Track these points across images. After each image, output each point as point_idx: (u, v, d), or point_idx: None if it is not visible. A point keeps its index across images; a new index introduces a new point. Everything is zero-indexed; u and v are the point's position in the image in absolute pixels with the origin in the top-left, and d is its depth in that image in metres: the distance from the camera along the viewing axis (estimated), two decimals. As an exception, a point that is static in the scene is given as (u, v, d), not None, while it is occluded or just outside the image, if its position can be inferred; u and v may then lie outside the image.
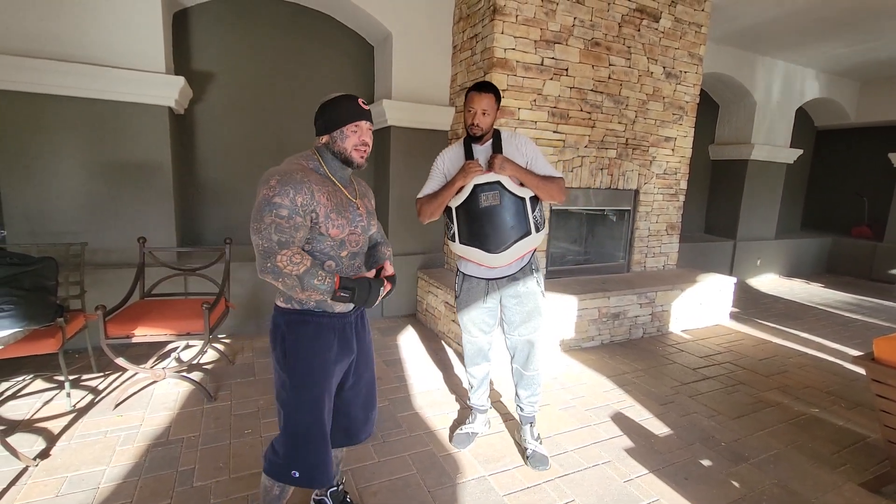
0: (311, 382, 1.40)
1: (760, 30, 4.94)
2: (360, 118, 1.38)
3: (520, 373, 2.22)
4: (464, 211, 1.99)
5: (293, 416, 1.41)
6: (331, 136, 1.40)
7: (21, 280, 1.71)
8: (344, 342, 1.48)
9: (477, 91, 1.97)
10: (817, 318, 4.78)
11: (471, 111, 1.97)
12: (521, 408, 2.25)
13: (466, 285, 2.17)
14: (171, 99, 3.21)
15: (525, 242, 2.00)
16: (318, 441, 1.42)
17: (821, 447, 2.38)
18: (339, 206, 1.39)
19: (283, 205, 1.26)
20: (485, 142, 2.05)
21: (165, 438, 2.21)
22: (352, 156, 1.40)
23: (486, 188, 1.93)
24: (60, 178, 3.03)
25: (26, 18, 2.83)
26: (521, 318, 2.14)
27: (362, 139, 1.40)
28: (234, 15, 3.73)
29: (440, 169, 2.11)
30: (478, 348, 2.25)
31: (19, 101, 2.88)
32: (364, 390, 1.63)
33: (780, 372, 3.32)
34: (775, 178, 6.45)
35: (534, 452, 2.15)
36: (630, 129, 4.04)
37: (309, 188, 1.30)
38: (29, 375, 2.73)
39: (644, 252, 4.42)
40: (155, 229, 3.27)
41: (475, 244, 1.99)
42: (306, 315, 1.42)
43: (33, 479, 1.88)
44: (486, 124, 1.98)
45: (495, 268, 2.06)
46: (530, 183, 1.97)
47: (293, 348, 1.41)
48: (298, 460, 1.42)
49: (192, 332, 2.50)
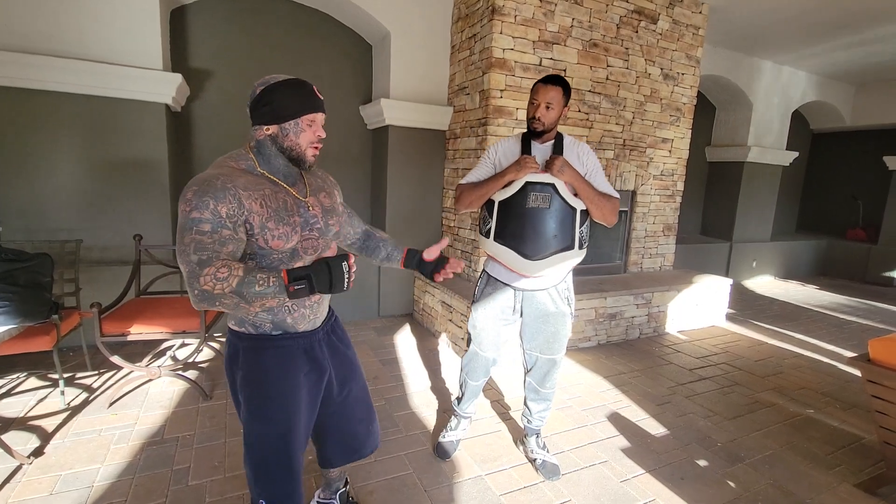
0: (275, 414, 1.26)
1: (757, 32, 4.97)
2: (317, 109, 1.21)
3: (535, 388, 2.09)
4: (507, 207, 1.83)
5: (253, 447, 1.29)
6: (280, 128, 1.18)
7: (16, 276, 1.70)
8: (313, 363, 1.33)
9: (543, 83, 1.81)
10: (812, 319, 4.81)
11: (534, 104, 1.82)
12: (530, 420, 2.15)
13: (489, 289, 2.00)
14: (168, 96, 3.20)
15: (565, 255, 1.85)
16: (280, 473, 1.30)
17: (816, 448, 2.39)
18: (278, 212, 1.18)
19: (204, 219, 1.06)
20: (545, 140, 1.90)
21: (160, 437, 2.19)
22: (305, 153, 1.22)
23: (538, 188, 1.79)
24: (56, 174, 3.01)
25: (22, 14, 2.80)
26: (545, 338, 1.99)
27: (318, 134, 1.22)
28: (232, 12, 3.71)
29: (491, 158, 1.95)
30: (483, 363, 2.09)
31: (15, 97, 2.86)
32: (357, 403, 1.52)
33: (775, 373, 3.33)
34: (771, 181, 6.48)
35: (544, 462, 2.08)
36: (627, 131, 4.05)
37: (234, 195, 1.10)
38: (23, 373, 2.71)
39: (641, 253, 4.43)
40: (151, 227, 3.25)
41: (511, 245, 1.84)
42: (263, 341, 1.25)
43: (27, 477, 1.86)
44: (550, 119, 1.82)
45: (526, 276, 1.90)
46: (586, 195, 1.81)
47: (252, 378, 1.25)
48: (264, 490, 1.31)
49: (187, 331, 2.49)
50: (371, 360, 3.22)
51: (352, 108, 4.25)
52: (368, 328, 3.86)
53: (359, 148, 4.36)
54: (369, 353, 3.32)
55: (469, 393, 2.19)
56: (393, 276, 4.10)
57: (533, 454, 2.14)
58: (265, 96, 1.17)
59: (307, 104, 1.19)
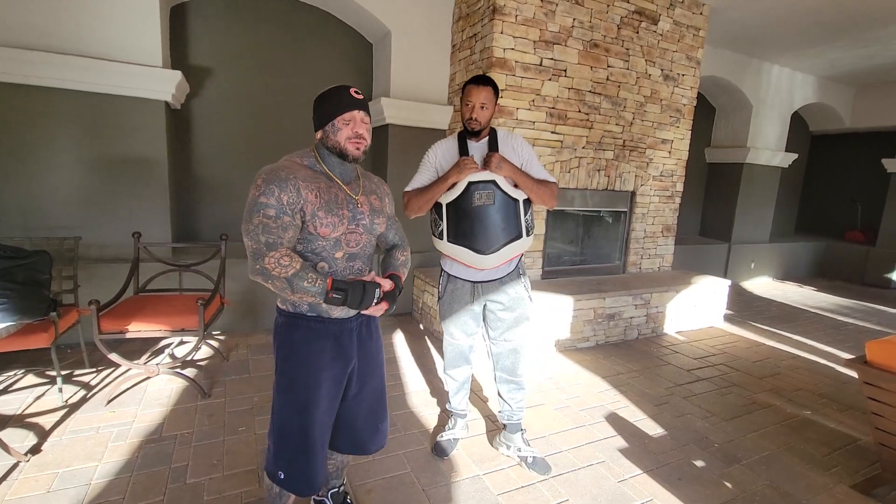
0: (297, 388, 1.37)
1: (757, 34, 4.97)
2: (350, 108, 1.32)
3: (507, 379, 2.14)
4: (455, 208, 1.91)
5: (278, 417, 1.40)
6: (324, 131, 1.35)
7: (14, 273, 1.69)
8: (339, 349, 1.42)
9: (475, 84, 1.89)
10: (810, 321, 4.82)
11: (468, 104, 1.90)
12: (511, 415, 2.15)
13: (451, 287, 2.09)
14: (167, 93, 3.19)
15: (515, 245, 1.94)
16: (300, 447, 1.38)
17: (813, 449, 2.40)
18: (329, 204, 1.32)
19: (270, 204, 1.23)
20: (481, 138, 1.97)
21: (158, 435, 2.19)
22: (346, 148, 1.34)
23: (481, 186, 1.86)
24: (55, 171, 3.01)
25: (22, 10, 2.80)
26: (508, 324, 2.07)
27: (356, 131, 1.33)
28: (233, 10, 3.71)
29: (431, 162, 2.02)
30: (459, 351, 2.19)
31: (14, 94, 2.85)
32: (368, 401, 1.55)
33: (772, 374, 3.34)
34: (770, 182, 6.49)
35: (534, 459, 2.10)
36: (627, 131, 4.05)
37: (295, 185, 1.26)
38: (21, 370, 2.70)
39: (640, 253, 4.44)
40: (150, 224, 3.25)
41: (464, 243, 1.91)
42: (298, 318, 1.38)
43: (24, 474, 1.86)
44: (485, 118, 1.90)
45: (483, 270, 1.98)
46: (525, 185, 1.91)
47: (283, 351, 1.39)
48: (283, 462, 1.39)
49: (186, 329, 2.48)
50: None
51: (352, 106, 4.24)
52: (367, 327, 3.85)
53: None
54: (368, 352, 3.32)
55: (455, 385, 2.24)
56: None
57: (521, 452, 2.13)
58: (315, 107, 1.37)
59: (339, 106, 1.33)
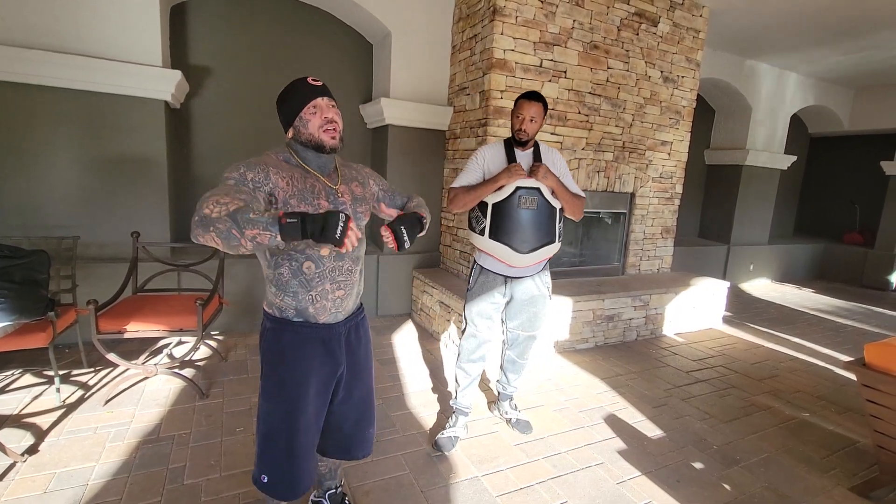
0: (284, 394, 1.34)
1: (757, 36, 4.98)
2: (312, 96, 1.28)
3: (513, 360, 2.39)
4: (499, 209, 2.08)
5: (263, 423, 1.37)
6: (294, 128, 1.31)
7: (11, 273, 1.68)
8: (327, 355, 1.39)
9: (527, 99, 2.06)
10: (809, 323, 4.82)
11: (519, 117, 2.07)
12: (505, 388, 2.46)
13: (483, 279, 2.24)
14: (167, 93, 3.18)
15: (548, 249, 2.14)
16: (285, 453, 1.35)
17: (811, 451, 2.40)
18: (302, 192, 1.27)
19: (231, 177, 1.19)
20: (526, 148, 2.15)
21: (156, 435, 2.19)
22: (321, 139, 1.29)
23: (526, 192, 2.06)
24: (54, 171, 3.00)
25: (21, 9, 2.79)
26: (528, 317, 2.27)
27: (325, 117, 1.29)
28: (232, 9, 3.70)
29: (479, 164, 2.17)
30: (478, 343, 2.28)
31: (13, 93, 2.84)
32: (355, 407, 1.53)
33: (771, 376, 3.34)
34: (769, 184, 6.50)
35: (518, 420, 2.42)
36: (627, 133, 4.05)
37: (264, 169, 1.23)
38: (18, 370, 2.70)
39: (639, 255, 4.44)
40: (149, 224, 3.24)
41: (505, 241, 2.08)
42: (284, 324, 1.34)
43: (21, 474, 1.85)
44: (533, 131, 2.08)
45: (516, 267, 2.15)
46: (563, 197, 2.11)
47: (270, 357, 1.36)
48: (266, 466, 1.37)
49: (185, 329, 2.48)
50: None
51: (352, 107, 4.24)
52: (366, 327, 3.84)
53: (359, 147, 4.35)
54: (366, 353, 3.31)
55: (466, 379, 2.32)
56: (391, 276, 4.09)
57: (508, 414, 2.46)
58: (278, 108, 1.33)
59: (300, 97, 1.28)
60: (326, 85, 1.35)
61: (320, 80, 1.33)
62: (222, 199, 1.06)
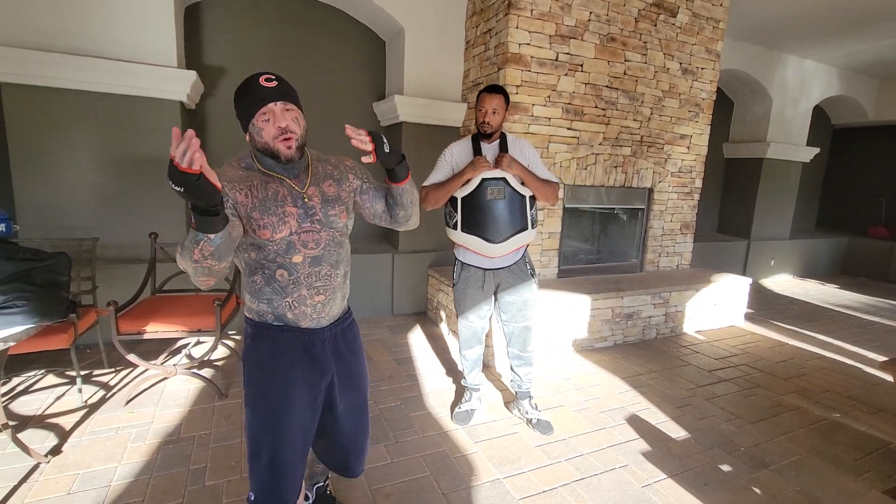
0: (266, 405, 1.26)
1: (778, 26, 4.84)
2: (264, 102, 1.12)
3: (518, 355, 2.41)
4: (469, 202, 2.15)
5: (248, 434, 1.30)
6: (249, 134, 1.18)
7: (33, 276, 1.69)
8: (311, 361, 1.30)
9: (488, 92, 2.14)
10: (834, 319, 4.69)
11: (482, 110, 2.14)
12: (521, 385, 2.45)
13: (465, 274, 2.31)
14: (182, 93, 3.19)
15: (521, 236, 2.19)
16: (269, 470, 1.27)
17: (843, 453, 2.32)
18: (265, 202, 1.17)
19: None
20: (492, 140, 2.21)
21: (177, 436, 2.19)
22: (277, 148, 1.16)
23: (493, 182, 2.12)
24: (73, 172, 3.02)
25: (39, 12, 2.81)
26: (518, 306, 2.32)
27: (278, 125, 1.14)
28: (246, 9, 3.70)
29: (448, 161, 2.23)
30: (473, 332, 2.39)
31: (32, 95, 2.87)
32: (351, 419, 1.45)
33: (798, 375, 3.25)
34: (791, 177, 6.34)
35: (539, 420, 2.39)
36: (645, 127, 3.97)
37: (223, 187, 1.11)
38: (41, 371, 2.73)
39: (657, 251, 4.35)
40: (167, 224, 3.25)
41: (476, 233, 2.15)
42: (263, 328, 1.27)
43: (45, 475, 1.87)
44: (496, 122, 2.14)
45: (493, 258, 2.21)
46: (531, 183, 2.15)
47: (249, 363, 1.29)
48: (253, 483, 1.30)
49: (203, 329, 2.48)
50: (386, 358, 3.19)
51: (366, 104, 4.22)
52: (382, 326, 3.84)
53: (372, 145, 4.32)
54: (384, 352, 3.30)
55: (469, 364, 2.47)
56: (406, 274, 4.07)
57: (528, 414, 2.43)
58: (234, 106, 1.19)
59: (251, 102, 1.14)
60: (285, 81, 1.18)
61: (275, 79, 1.15)
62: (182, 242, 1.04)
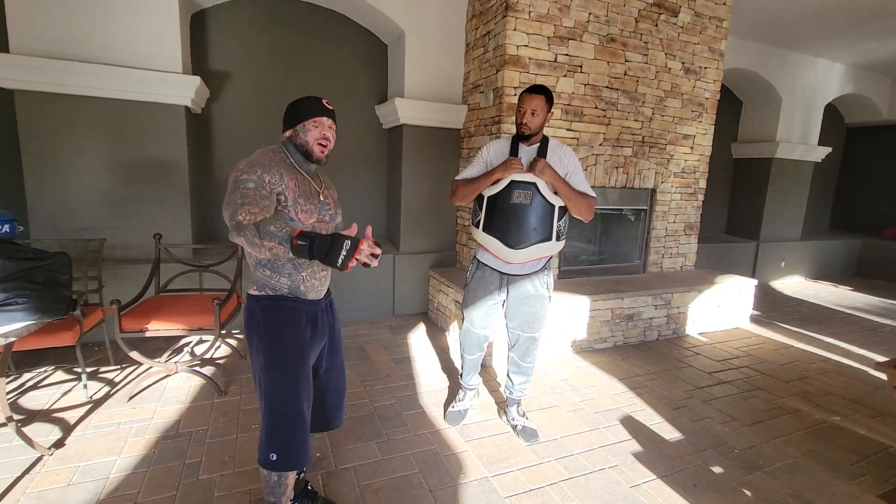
0: (287, 363, 1.45)
1: (786, 24, 4.77)
2: (321, 114, 1.47)
3: (517, 363, 2.34)
4: (494, 202, 2.09)
5: (271, 395, 1.45)
6: (294, 130, 1.49)
7: (35, 274, 1.76)
8: (315, 328, 1.54)
9: (528, 92, 2.05)
10: (844, 322, 4.61)
11: (521, 111, 2.05)
12: (512, 392, 2.40)
13: (479, 273, 2.25)
14: (187, 98, 3.27)
15: (543, 247, 2.09)
16: (293, 420, 1.46)
17: (840, 457, 2.29)
18: (306, 193, 1.46)
19: (251, 180, 1.32)
20: (532, 143, 2.12)
21: (175, 431, 2.25)
22: (313, 148, 1.48)
23: (522, 186, 2.03)
24: (82, 175, 3.12)
25: (49, 21, 2.91)
26: (526, 317, 2.23)
27: (323, 133, 1.48)
28: (250, 15, 3.78)
29: (484, 158, 2.18)
30: (475, 339, 2.35)
31: (43, 102, 2.97)
32: (336, 375, 1.70)
33: (800, 378, 3.20)
34: (802, 177, 6.23)
35: (524, 427, 2.34)
36: (647, 127, 3.95)
37: (278, 171, 1.38)
38: (50, 367, 2.82)
39: (661, 252, 4.33)
40: (171, 226, 3.34)
41: (497, 235, 2.08)
42: (280, 300, 1.47)
43: (47, 467, 1.94)
44: (536, 124, 2.05)
45: (510, 263, 2.14)
46: (564, 193, 2.04)
47: (269, 331, 1.45)
48: (275, 441, 1.45)
49: (203, 328, 2.55)
50: (384, 358, 3.23)
51: (368, 107, 4.28)
52: (383, 326, 3.88)
53: (375, 147, 4.39)
54: (382, 352, 3.34)
55: (468, 366, 2.44)
56: (408, 275, 4.11)
57: (514, 421, 2.39)
58: (288, 109, 1.51)
59: (311, 111, 1.48)
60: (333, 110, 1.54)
61: (332, 106, 1.53)
62: (253, 208, 1.25)
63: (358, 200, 4.37)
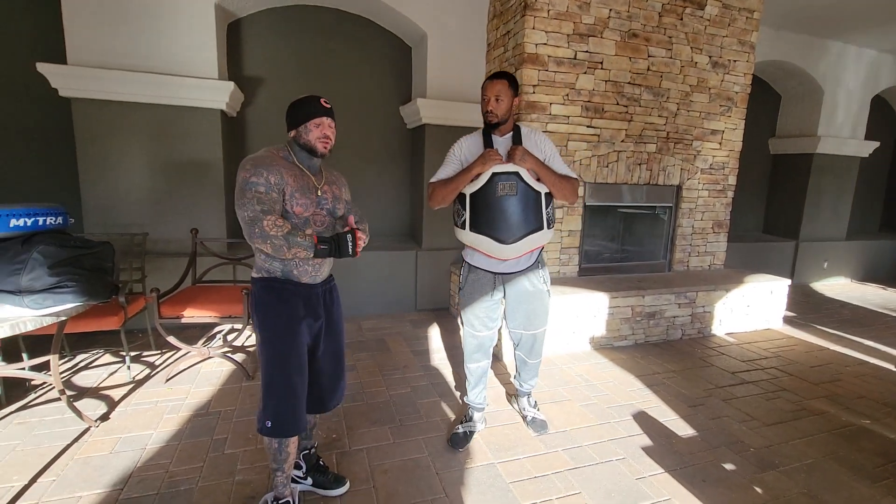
0: (278, 338, 1.58)
1: (822, 12, 4.57)
2: (321, 115, 1.59)
3: (523, 360, 2.35)
4: (478, 198, 1.98)
5: (265, 367, 1.59)
6: (297, 131, 1.61)
7: (82, 261, 1.97)
8: (309, 307, 1.65)
9: (490, 79, 2.00)
10: (888, 325, 4.37)
11: (485, 99, 1.99)
12: (522, 385, 2.42)
13: (472, 277, 2.16)
14: (222, 102, 3.49)
15: (536, 237, 2.02)
16: (284, 389, 1.57)
17: (864, 459, 2.21)
18: (303, 188, 1.58)
19: (260, 183, 1.47)
20: (504, 133, 2.05)
21: (206, 410, 2.43)
22: (316, 146, 1.60)
23: (504, 177, 1.93)
24: (128, 175, 3.39)
25: (101, 35, 3.19)
26: (525, 316, 2.20)
27: (324, 132, 1.60)
28: (282, 23, 3.98)
29: (457, 156, 2.08)
30: (478, 343, 2.22)
31: (97, 108, 3.25)
32: (332, 360, 1.79)
33: (831, 380, 3.09)
34: (846, 174, 5.93)
35: (534, 419, 2.36)
36: (671, 123, 3.89)
37: (278, 170, 1.52)
38: (99, 350, 3.09)
39: (687, 251, 4.24)
40: (207, 222, 3.57)
41: (486, 233, 1.98)
42: (273, 282, 1.60)
43: (93, 437, 2.15)
44: (502, 110, 1.97)
45: (504, 260, 2.06)
46: (547, 179, 1.97)
47: (264, 308, 1.59)
48: (269, 409, 1.57)
49: (233, 315, 2.73)
50: (404, 350, 3.34)
51: (393, 108, 4.41)
52: (405, 321, 3.99)
53: (399, 147, 4.51)
54: (403, 344, 3.45)
55: (473, 378, 2.29)
56: (429, 271, 4.20)
57: (525, 411, 2.42)
58: (289, 111, 1.64)
59: (311, 112, 1.60)
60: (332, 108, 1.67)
61: (329, 104, 1.64)
62: (278, 220, 1.46)
63: (383, 198, 4.51)
